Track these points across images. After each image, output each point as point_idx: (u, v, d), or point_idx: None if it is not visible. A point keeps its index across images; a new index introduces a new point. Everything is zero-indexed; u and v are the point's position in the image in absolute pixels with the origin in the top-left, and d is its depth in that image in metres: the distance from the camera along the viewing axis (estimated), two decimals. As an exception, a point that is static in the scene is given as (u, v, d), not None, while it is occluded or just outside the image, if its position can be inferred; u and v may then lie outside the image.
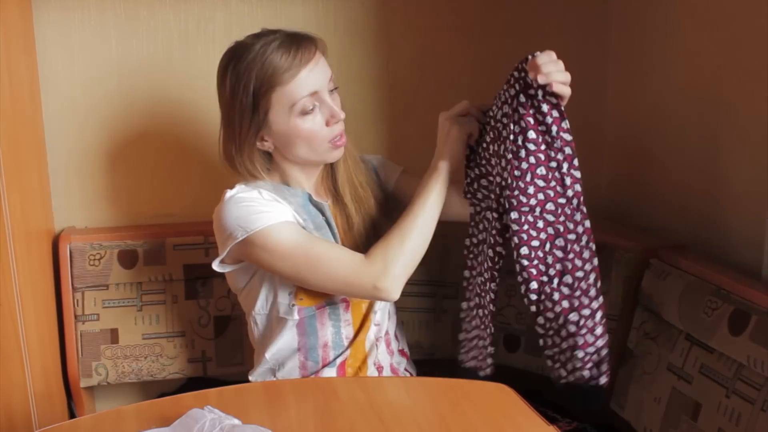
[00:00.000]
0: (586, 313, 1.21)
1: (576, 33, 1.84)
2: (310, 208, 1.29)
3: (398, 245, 1.20)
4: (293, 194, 1.28)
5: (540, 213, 1.17)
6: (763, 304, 1.19)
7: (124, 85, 1.65)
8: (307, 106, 1.20)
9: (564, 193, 1.18)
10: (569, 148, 1.17)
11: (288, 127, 1.21)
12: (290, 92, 1.19)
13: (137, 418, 1.00)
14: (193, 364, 1.64)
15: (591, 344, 1.22)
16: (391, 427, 0.99)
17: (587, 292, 1.21)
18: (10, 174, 1.32)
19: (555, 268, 1.19)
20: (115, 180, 1.69)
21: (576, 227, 1.20)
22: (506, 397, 1.08)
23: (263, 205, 1.21)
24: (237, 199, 1.23)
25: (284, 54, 1.17)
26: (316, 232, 1.26)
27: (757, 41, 1.36)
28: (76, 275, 1.56)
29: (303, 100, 1.20)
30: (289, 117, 1.20)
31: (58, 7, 1.59)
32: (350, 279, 1.20)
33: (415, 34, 1.77)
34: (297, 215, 1.25)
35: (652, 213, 1.72)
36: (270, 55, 1.17)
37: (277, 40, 1.19)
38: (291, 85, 1.18)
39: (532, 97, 1.15)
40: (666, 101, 1.65)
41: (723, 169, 1.48)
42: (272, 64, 1.17)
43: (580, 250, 1.20)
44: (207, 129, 1.70)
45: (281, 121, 1.21)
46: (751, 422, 1.14)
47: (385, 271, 1.19)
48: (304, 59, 1.19)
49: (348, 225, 1.33)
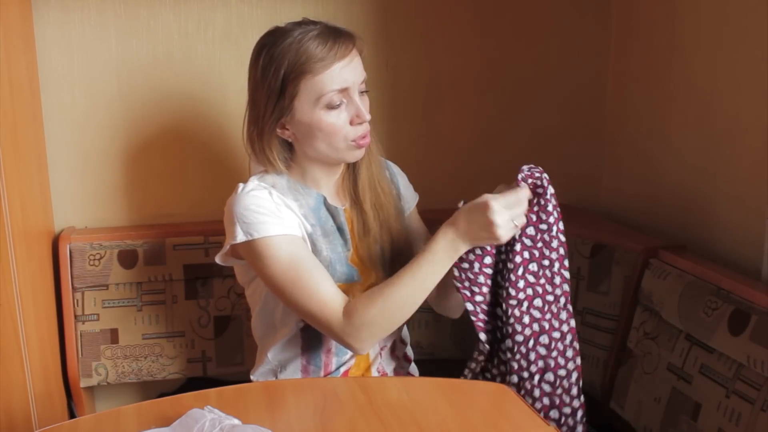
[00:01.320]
0: (567, 411, 1.22)
1: (576, 33, 1.85)
2: (322, 212, 1.27)
3: (379, 313, 1.15)
4: (307, 195, 1.26)
5: (527, 308, 1.17)
6: (763, 304, 1.19)
7: (124, 85, 1.65)
8: (334, 101, 1.19)
9: (552, 291, 1.19)
10: (563, 248, 1.20)
11: (311, 118, 1.20)
12: (320, 83, 1.18)
13: (137, 418, 1.00)
14: (193, 364, 1.64)
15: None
16: (391, 427, 0.99)
17: (569, 391, 1.22)
18: (10, 174, 1.32)
19: (537, 365, 1.18)
20: (114, 180, 1.69)
21: (561, 326, 1.20)
22: (506, 397, 1.08)
23: (270, 213, 1.20)
24: (248, 197, 1.21)
25: (321, 44, 1.17)
26: (323, 238, 1.25)
27: (757, 41, 1.36)
28: (76, 275, 1.57)
29: (331, 94, 1.18)
30: (314, 108, 1.19)
31: (58, 7, 1.59)
32: (323, 322, 1.19)
33: (415, 34, 1.77)
34: (305, 220, 1.24)
35: (652, 213, 1.72)
36: (306, 42, 1.17)
37: (317, 30, 1.18)
38: (322, 76, 1.17)
39: (540, 196, 1.16)
40: (666, 101, 1.66)
41: (723, 169, 1.48)
42: (307, 52, 1.16)
43: (563, 349, 1.21)
44: (207, 129, 1.70)
45: (305, 111, 1.20)
46: (751, 422, 1.14)
47: (358, 334, 1.16)
48: (339, 53, 1.17)
49: (364, 231, 1.30)
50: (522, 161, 1.22)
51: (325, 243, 1.25)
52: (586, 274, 1.58)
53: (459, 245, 1.15)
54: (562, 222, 1.19)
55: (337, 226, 1.28)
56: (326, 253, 1.24)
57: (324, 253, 1.24)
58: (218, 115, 1.70)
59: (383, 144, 1.37)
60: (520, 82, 1.85)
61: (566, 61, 1.86)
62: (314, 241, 1.24)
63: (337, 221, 1.28)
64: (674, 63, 1.62)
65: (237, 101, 1.69)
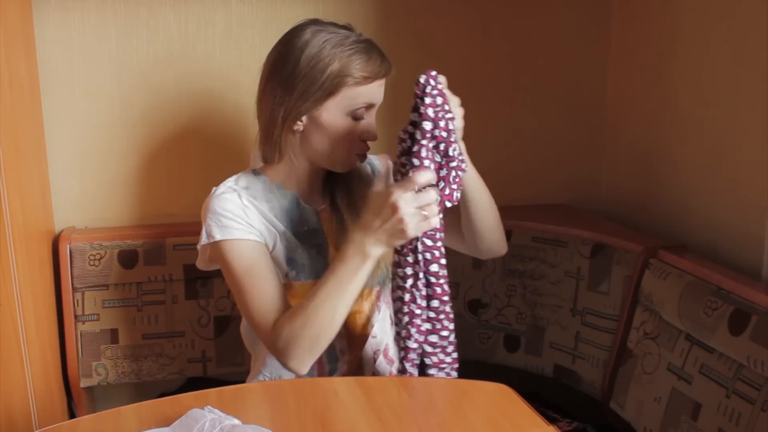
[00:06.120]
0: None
1: (576, 33, 1.85)
2: (295, 213, 1.27)
3: (301, 328, 1.12)
4: (281, 196, 1.27)
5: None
6: (763, 304, 1.19)
7: (124, 85, 1.65)
8: (362, 113, 1.23)
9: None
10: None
11: (336, 121, 1.21)
12: (360, 94, 1.20)
13: (137, 418, 1.00)
14: (193, 364, 1.64)
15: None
16: (391, 427, 0.99)
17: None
18: (10, 174, 1.32)
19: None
20: (115, 180, 1.69)
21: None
22: (506, 397, 1.08)
23: (236, 217, 1.21)
24: (217, 200, 1.22)
25: (372, 60, 1.20)
26: (295, 238, 1.25)
27: (757, 41, 1.36)
28: (76, 275, 1.57)
29: (362, 103, 1.22)
30: (342, 113, 1.21)
31: (58, 7, 1.59)
32: (260, 336, 1.20)
33: (415, 34, 1.77)
34: (277, 221, 1.24)
35: (652, 213, 1.72)
36: (360, 53, 1.20)
37: (368, 43, 1.22)
38: (363, 88, 1.20)
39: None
40: (666, 101, 1.66)
41: (723, 169, 1.48)
42: (360, 62, 1.19)
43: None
44: (207, 129, 1.70)
45: (333, 112, 1.21)
46: (751, 422, 1.14)
47: (286, 350, 1.13)
48: (382, 72, 1.22)
49: (341, 230, 1.30)
50: (522, 161, 1.22)
51: (299, 243, 1.25)
52: (586, 274, 1.58)
53: (368, 246, 1.10)
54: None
55: (312, 227, 1.28)
56: (300, 251, 1.25)
57: (299, 250, 1.24)
58: (218, 115, 1.70)
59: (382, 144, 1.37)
60: (521, 82, 1.85)
61: (566, 61, 1.86)
62: (287, 240, 1.25)
63: (311, 222, 1.28)
64: (674, 63, 1.62)
65: (237, 101, 1.70)
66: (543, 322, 1.66)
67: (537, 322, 1.67)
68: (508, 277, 1.70)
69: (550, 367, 1.64)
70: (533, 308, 1.67)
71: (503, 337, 1.71)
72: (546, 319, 1.65)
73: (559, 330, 1.63)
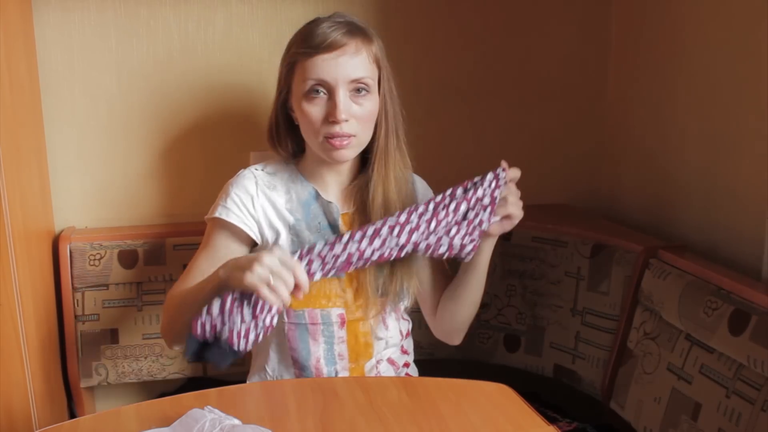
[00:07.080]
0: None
1: (576, 33, 1.85)
2: (313, 206, 1.27)
3: (168, 322, 1.24)
4: (301, 188, 1.27)
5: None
6: (763, 304, 1.19)
7: (124, 85, 1.65)
8: (312, 91, 1.18)
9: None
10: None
11: (297, 104, 1.22)
12: (306, 69, 1.19)
13: (137, 418, 1.00)
14: (193, 364, 1.64)
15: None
16: (391, 427, 0.99)
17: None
18: (10, 174, 1.32)
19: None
20: (115, 180, 1.69)
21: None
22: (506, 397, 1.08)
23: (239, 203, 1.25)
24: (235, 182, 1.27)
25: (314, 34, 1.18)
26: (308, 232, 1.25)
27: (757, 41, 1.36)
28: (76, 275, 1.57)
29: (310, 82, 1.18)
30: (299, 93, 1.20)
31: (58, 7, 1.59)
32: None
33: (415, 34, 1.77)
34: (289, 214, 1.25)
35: (652, 213, 1.72)
36: (305, 29, 1.21)
37: (328, 21, 1.20)
38: (308, 64, 1.18)
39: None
40: (666, 101, 1.66)
41: (723, 169, 1.48)
42: (305, 37, 1.19)
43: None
44: (207, 128, 1.70)
45: (295, 94, 1.22)
46: (751, 422, 1.14)
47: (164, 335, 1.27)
48: (330, 45, 1.16)
49: None
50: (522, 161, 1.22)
51: (312, 237, 1.25)
52: (586, 274, 1.58)
53: (222, 268, 1.07)
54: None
55: (330, 222, 1.27)
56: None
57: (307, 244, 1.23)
58: (218, 115, 1.70)
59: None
60: (521, 81, 1.85)
61: (566, 61, 1.86)
62: (298, 233, 1.24)
63: (330, 217, 1.27)
64: (674, 62, 1.62)
65: (237, 101, 1.70)
66: (543, 322, 1.66)
67: (537, 322, 1.67)
68: (508, 277, 1.70)
69: (550, 367, 1.64)
70: (533, 308, 1.67)
71: (503, 337, 1.71)
72: (546, 319, 1.65)
73: (559, 330, 1.63)
